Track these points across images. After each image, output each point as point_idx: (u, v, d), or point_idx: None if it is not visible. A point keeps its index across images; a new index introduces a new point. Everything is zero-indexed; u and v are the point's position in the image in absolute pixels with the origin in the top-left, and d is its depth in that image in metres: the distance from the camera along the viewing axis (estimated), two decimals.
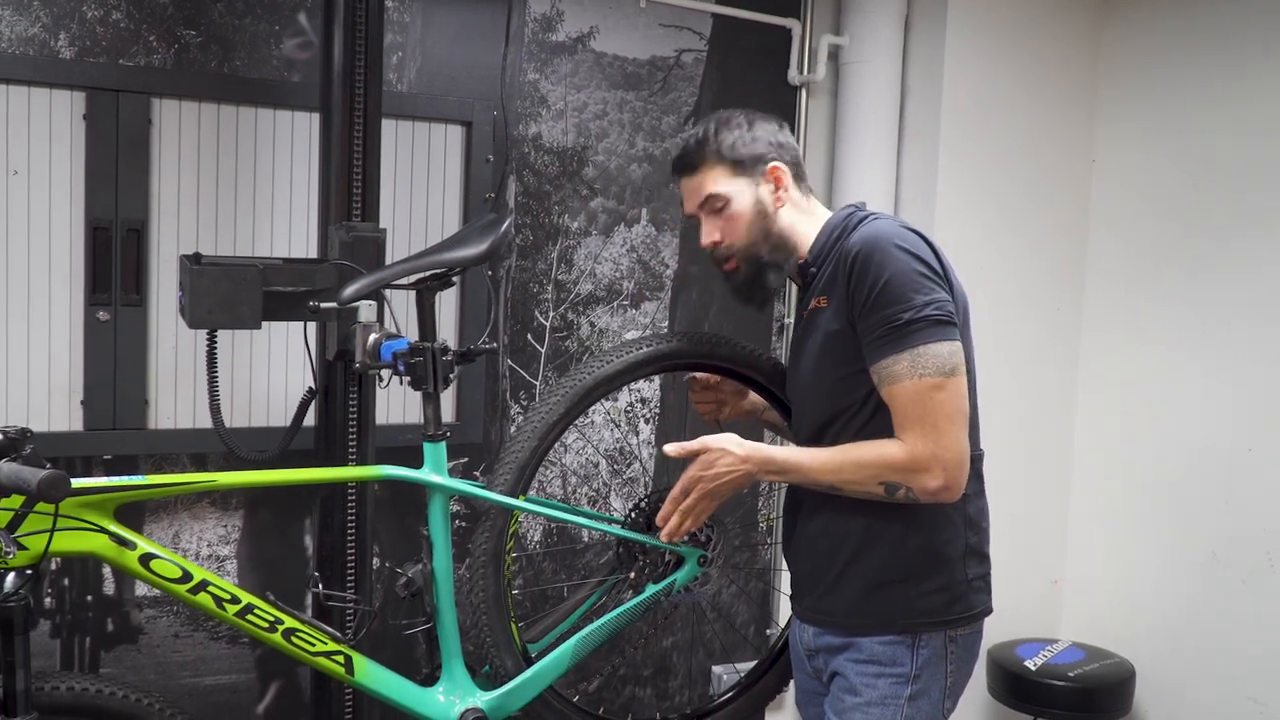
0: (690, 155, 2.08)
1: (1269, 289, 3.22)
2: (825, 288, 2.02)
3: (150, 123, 2.63)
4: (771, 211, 2.06)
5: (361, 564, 2.47)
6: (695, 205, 2.08)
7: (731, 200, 2.04)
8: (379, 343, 2.11)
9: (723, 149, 2.05)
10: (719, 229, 2.06)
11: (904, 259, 1.89)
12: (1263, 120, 3.25)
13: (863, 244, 1.93)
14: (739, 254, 2.06)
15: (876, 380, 1.92)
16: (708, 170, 2.05)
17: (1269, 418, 3.22)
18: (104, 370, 2.61)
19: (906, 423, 1.89)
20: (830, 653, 2.09)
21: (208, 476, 1.90)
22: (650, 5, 3.23)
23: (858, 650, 2.03)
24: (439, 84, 2.96)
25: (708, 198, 2.05)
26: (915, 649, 2.00)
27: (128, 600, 2.73)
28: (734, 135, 2.06)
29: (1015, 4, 3.53)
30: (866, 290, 1.89)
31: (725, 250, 2.07)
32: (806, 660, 2.19)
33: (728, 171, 2.05)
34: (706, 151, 2.05)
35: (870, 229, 1.96)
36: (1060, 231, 3.68)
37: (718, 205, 2.05)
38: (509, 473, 2.07)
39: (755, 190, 2.05)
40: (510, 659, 2.12)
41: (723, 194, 2.04)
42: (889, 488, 1.91)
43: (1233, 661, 3.30)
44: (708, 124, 2.09)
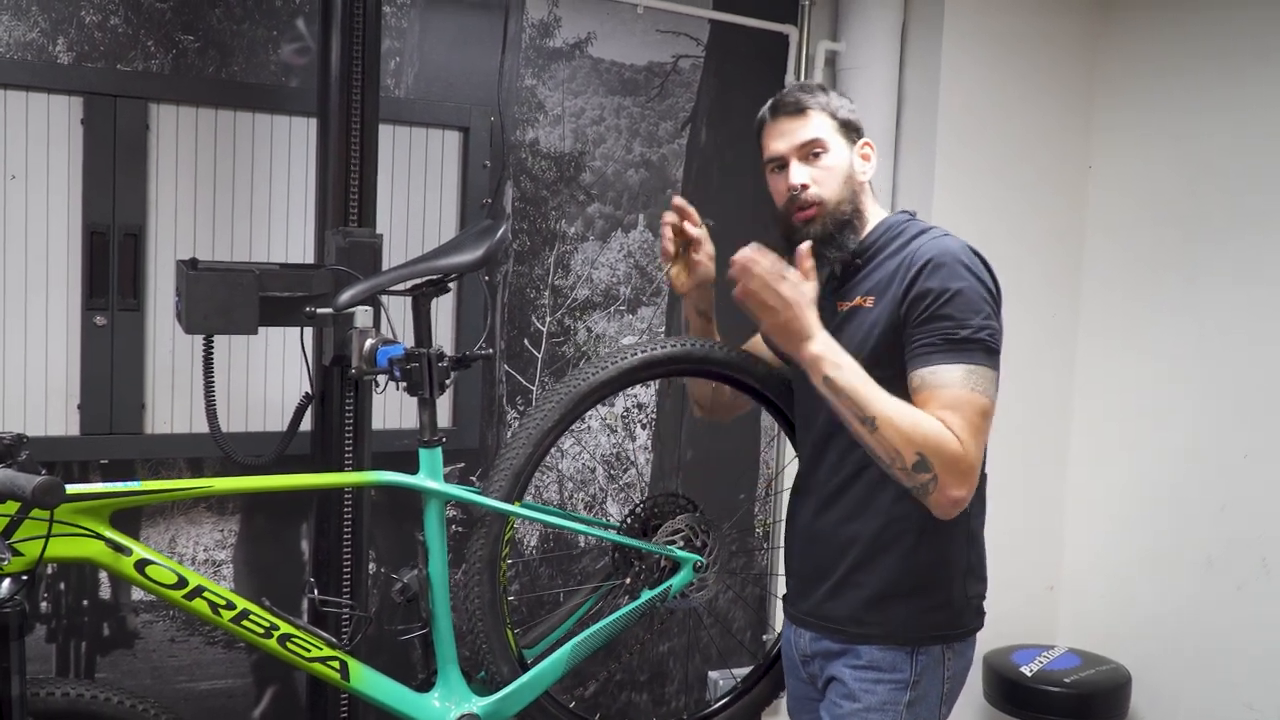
0: (799, 98, 2.07)
1: (1265, 295, 3.23)
2: (875, 289, 2.01)
3: (148, 128, 2.63)
4: (859, 181, 2.08)
5: (357, 569, 2.47)
6: (791, 146, 2.06)
7: (832, 151, 2.05)
8: (375, 348, 2.12)
9: (832, 104, 2.07)
10: (812, 175, 2.04)
11: (973, 279, 1.92)
12: (1259, 126, 3.26)
13: (937, 254, 1.93)
14: (824, 206, 2.03)
15: (919, 383, 1.89)
16: (814, 116, 2.05)
17: (1264, 423, 3.23)
18: (101, 375, 2.61)
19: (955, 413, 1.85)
20: (827, 658, 2.09)
21: (203, 482, 1.90)
22: (648, 11, 3.24)
23: (856, 656, 2.04)
24: (436, 89, 2.97)
25: (811, 141, 2.04)
26: (914, 656, 2.01)
27: (124, 605, 2.73)
28: (841, 100, 2.09)
29: (1012, 11, 3.53)
30: (932, 298, 1.89)
31: (813, 196, 2.04)
32: (801, 666, 2.18)
33: (832, 126, 2.06)
34: (817, 101, 2.06)
35: (944, 243, 1.97)
36: (1057, 237, 3.69)
37: (817, 150, 2.04)
38: (504, 478, 2.08)
39: (850, 155, 2.07)
40: (506, 665, 2.12)
41: (826, 141, 2.04)
42: (919, 467, 1.83)
43: (1228, 667, 3.31)
44: (821, 85, 2.13)
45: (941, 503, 1.87)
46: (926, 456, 1.82)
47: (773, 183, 2.13)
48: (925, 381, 1.88)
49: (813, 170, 2.04)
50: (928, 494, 1.86)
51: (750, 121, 3.39)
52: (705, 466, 3.41)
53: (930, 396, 1.86)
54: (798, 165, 2.05)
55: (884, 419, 1.83)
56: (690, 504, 2.34)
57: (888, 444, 1.84)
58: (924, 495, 1.87)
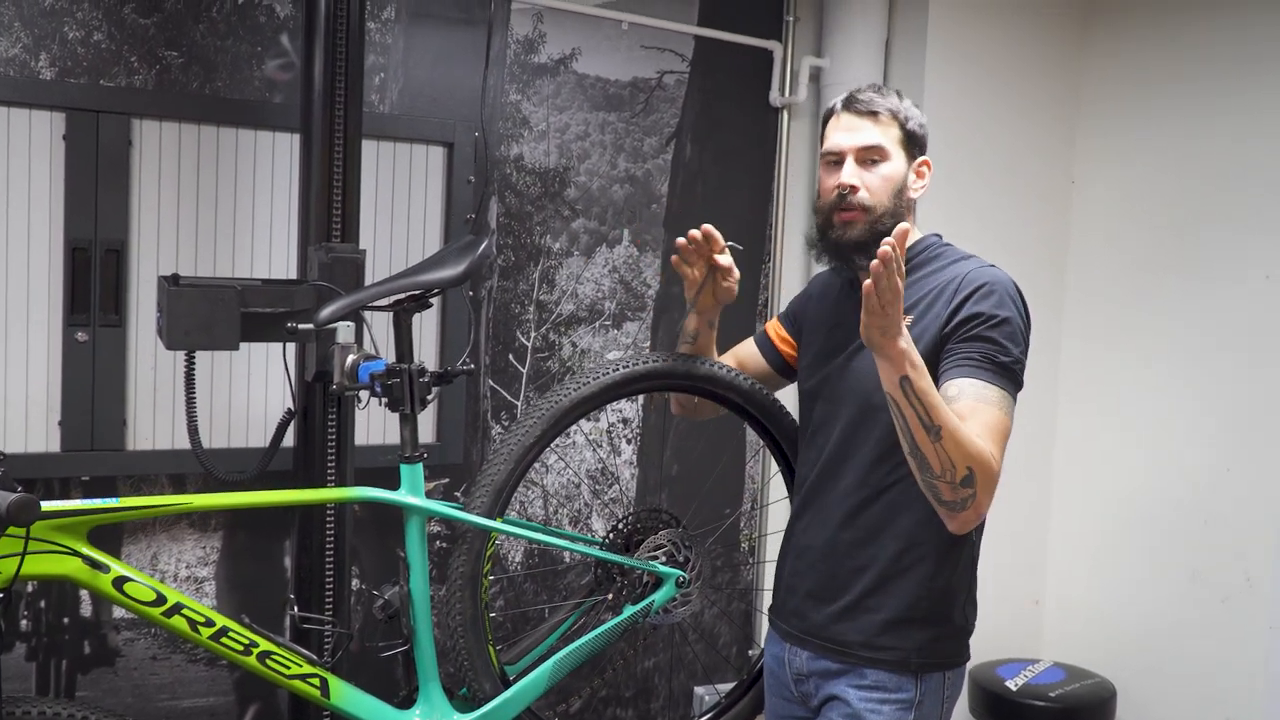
0: (873, 100, 2.05)
1: (1248, 308, 3.24)
2: (914, 307, 1.99)
3: (130, 143, 2.63)
4: (909, 196, 2.07)
5: (339, 586, 2.46)
6: (852, 145, 2.04)
7: (891, 160, 2.04)
8: (357, 364, 2.11)
9: (904, 113, 2.06)
10: (864, 179, 2.03)
11: (1018, 313, 1.96)
12: (1239, 139, 3.27)
13: (990, 281, 1.96)
14: (869, 213, 2.02)
15: (957, 391, 1.87)
16: (885, 123, 2.04)
17: (1247, 438, 3.23)
18: (82, 391, 2.60)
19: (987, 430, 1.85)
20: (825, 677, 2.07)
21: (183, 499, 1.89)
22: (632, 27, 3.25)
23: (860, 676, 2.02)
24: (421, 105, 2.97)
25: (873, 146, 2.03)
26: (919, 677, 2.01)
27: (105, 622, 2.71)
28: (914, 111, 2.07)
29: (995, 25, 3.55)
30: (982, 320, 1.91)
31: (860, 200, 2.02)
32: (793, 684, 2.15)
33: (899, 137, 2.05)
34: (890, 106, 2.05)
35: (995, 273, 1.99)
36: (1040, 251, 3.70)
37: (876, 157, 2.03)
38: (486, 494, 2.07)
39: (907, 169, 2.06)
40: (488, 681, 2.11)
41: (888, 150, 2.03)
42: (966, 481, 1.82)
43: (1212, 681, 3.31)
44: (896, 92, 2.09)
45: (969, 519, 1.87)
46: (975, 472, 1.81)
47: (824, 175, 2.10)
48: (964, 391, 1.87)
49: (866, 175, 2.03)
50: (963, 509, 1.84)
51: (735, 137, 3.44)
52: (690, 481, 3.41)
53: (970, 408, 1.86)
54: (853, 166, 2.04)
55: (949, 430, 1.80)
56: (673, 519, 2.34)
57: (946, 456, 1.80)
58: (958, 510, 1.85)
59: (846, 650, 2.03)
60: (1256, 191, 3.23)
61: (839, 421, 2.07)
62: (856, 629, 2.02)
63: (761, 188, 3.52)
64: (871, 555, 2.01)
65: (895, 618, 2.00)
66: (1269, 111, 3.21)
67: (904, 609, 1.99)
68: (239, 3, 2.75)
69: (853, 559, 2.03)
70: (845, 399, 2.06)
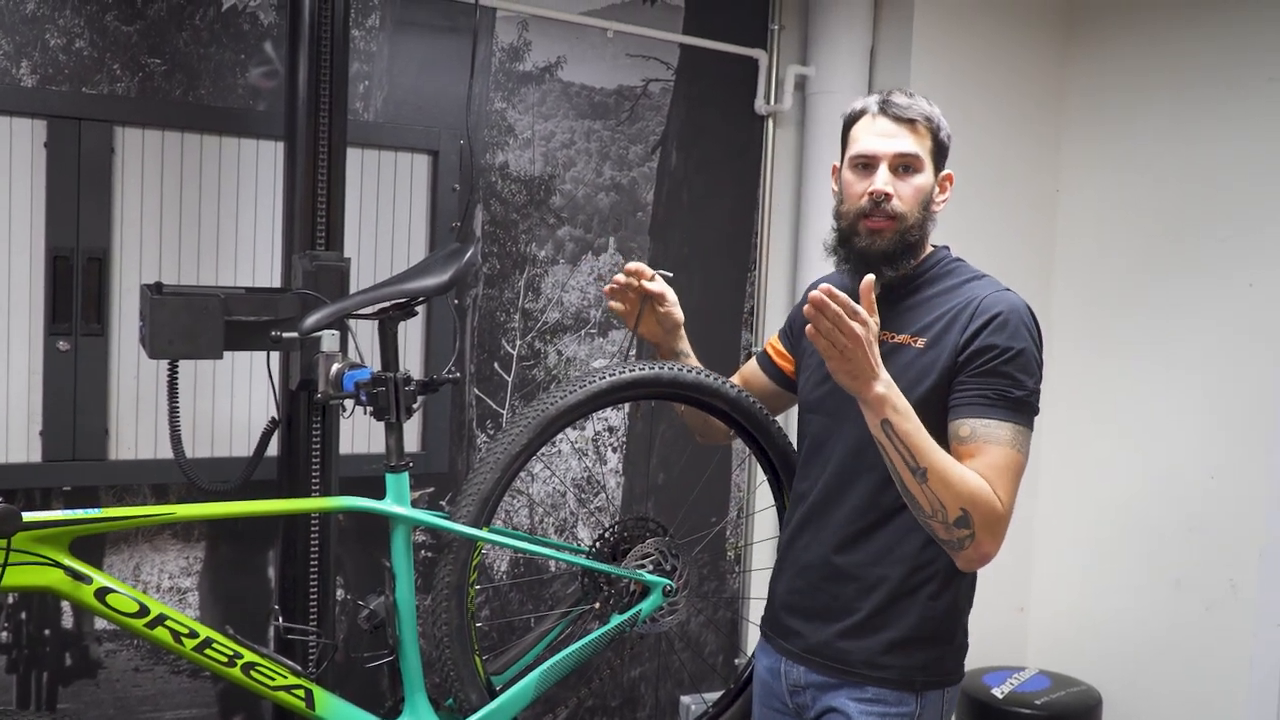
0: (915, 110, 2.00)
1: (1231, 316, 3.25)
2: (927, 329, 1.96)
3: (113, 151, 2.61)
4: (932, 209, 2.02)
5: (324, 596, 2.44)
6: (889, 151, 1.98)
7: (924, 172, 1.99)
8: (341, 373, 2.10)
9: (939, 124, 2.02)
10: (897, 187, 1.97)
11: (1032, 342, 1.91)
12: (1223, 150, 3.29)
13: (1005, 310, 1.91)
14: (898, 223, 1.97)
15: (968, 432, 1.85)
16: (921, 132, 1.99)
17: (1230, 445, 3.24)
18: (64, 400, 2.58)
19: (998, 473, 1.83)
20: (823, 689, 2.04)
21: (165, 509, 1.87)
22: (618, 35, 3.24)
23: (862, 690, 1.99)
24: (406, 113, 2.96)
25: (911, 154, 1.98)
26: (920, 694, 1.98)
27: (86, 634, 2.69)
28: (946, 123, 2.04)
29: (979, 34, 3.56)
30: (995, 353, 1.87)
31: (893, 209, 1.97)
32: (788, 696, 2.11)
33: (931, 148, 2.00)
34: (927, 114, 2.00)
35: (1009, 298, 1.94)
36: (1026, 260, 3.71)
37: (911, 165, 1.98)
38: (472, 504, 2.06)
39: (933, 179, 2.02)
40: (474, 692, 2.10)
41: (923, 160, 1.99)
42: (961, 523, 1.79)
43: (1197, 687, 3.31)
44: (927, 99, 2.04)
45: (973, 558, 1.85)
46: (969, 513, 1.79)
47: (852, 178, 2.02)
48: (976, 433, 1.85)
49: (900, 183, 1.98)
50: (961, 549, 1.83)
51: (720, 146, 3.44)
52: (676, 489, 3.40)
53: (979, 449, 1.83)
54: (887, 172, 1.98)
55: (936, 472, 1.78)
56: (660, 528, 2.33)
57: (934, 497, 1.79)
58: (956, 549, 1.84)
59: (849, 669, 2.00)
60: (1240, 198, 3.24)
61: (843, 440, 2.02)
62: (861, 648, 1.99)
63: (747, 196, 3.52)
64: (880, 576, 1.98)
65: (901, 638, 1.97)
66: (1252, 118, 3.22)
67: (910, 630, 1.97)
68: (222, 10, 2.74)
69: (859, 580, 2.00)
70: (850, 416, 1.97)
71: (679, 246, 3.39)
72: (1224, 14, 3.30)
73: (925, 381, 1.92)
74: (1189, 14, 3.39)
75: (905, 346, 1.97)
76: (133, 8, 2.64)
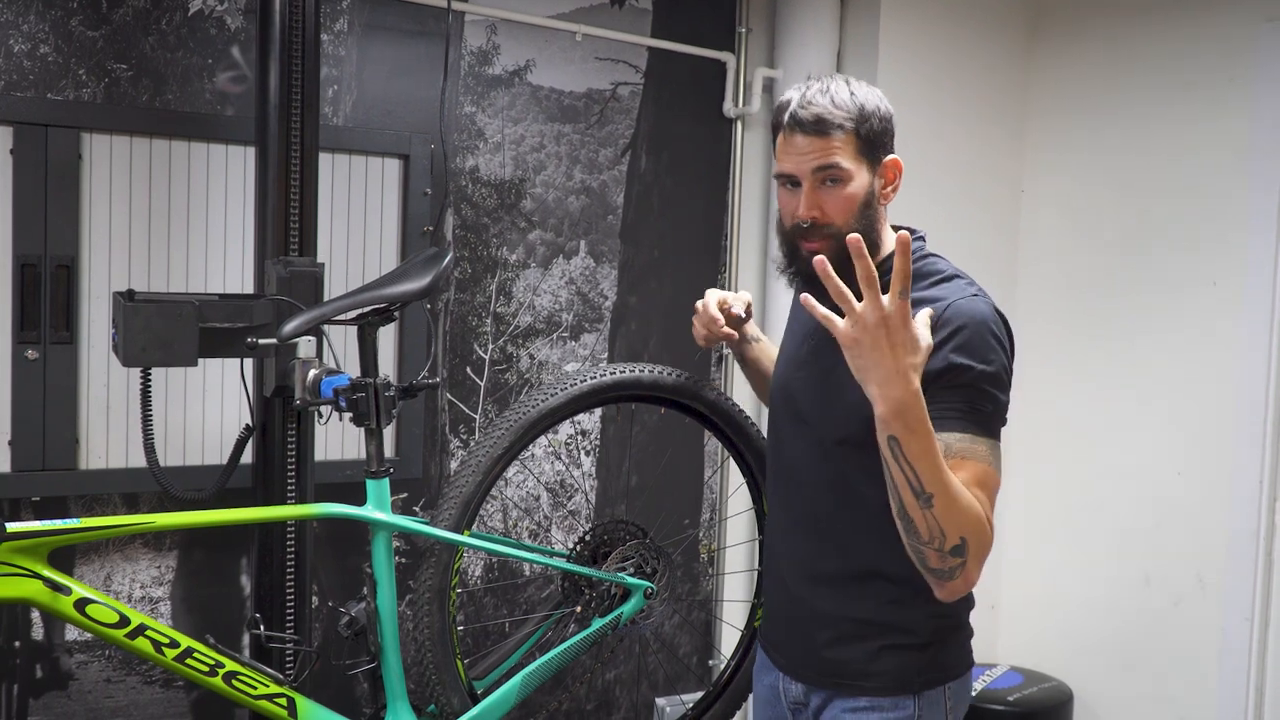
0: (821, 118, 1.78)
1: (1194, 315, 3.30)
2: None
3: (80, 157, 2.58)
4: (877, 205, 1.84)
5: (301, 603, 2.43)
6: (807, 168, 1.79)
7: (853, 179, 1.79)
8: (319, 378, 2.09)
9: (861, 116, 1.79)
10: (824, 204, 1.79)
11: (1002, 355, 1.79)
12: (1186, 150, 3.34)
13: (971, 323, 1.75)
14: (833, 239, 1.78)
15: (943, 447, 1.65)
16: (836, 139, 1.78)
17: (1196, 441, 3.29)
18: (32, 410, 2.55)
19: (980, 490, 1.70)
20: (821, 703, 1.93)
21: (145, 518, 1.86)
22: (586, 39, 3.25)
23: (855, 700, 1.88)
24: (375, 117, 2.95)
25: (830, 167, 1.78)
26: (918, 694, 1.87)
27: (57, 645, 2.65)
28: (874, 108, 1.82)
29: (945, 38, 3.60)
30: (963, 370, 1.72)
31: (823, 231, 1.79)
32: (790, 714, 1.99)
33: (855, 148, 1.79)
34: (841, 116, 1.78)
35: (977, 308, 1.79)
36: (991, 258, 3.75)
37: (833, 177, 1.79)
38: (454, 508, 2.05)
39: (870, 177, 1.82)
40: (456, 696, 2.10)
41: (848, 169, 1.78)
42: (957, 551, 1.64)
43: (1166, 682, 3.36)
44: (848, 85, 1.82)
45: (958, 589, 1.69)
46: (968, 541, 1.64)
47: (781, 197, 1.88)
48: (952, 448, 1.69)
49: (826, 197, 1.80)
50: (950, 579, 1.67)
51: (689, 148, 3.45)
52: (650, 492, 3.41)
53: (960, 464, 1.69)
54: (812, 192, 1.80)
55: (945, 498, 1.61)
56: (640, 530, 2.33)
57: (935, 524, 1.62)
58: (945, 579, 1.68)
59: (842, 681, 1.89)
60: (1203, 200, 3.29)
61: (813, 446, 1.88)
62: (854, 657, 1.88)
63: (716, 198, 3.54)
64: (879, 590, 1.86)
65: (895, 644, 1.86)
66: (1214, 119, 3.27)
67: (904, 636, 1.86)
68: (189, 15, 2.71)
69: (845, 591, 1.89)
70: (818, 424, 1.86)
71: (649, 249, 3.40)
72: (1185, 15, 3.35)
73: None
74: (1151, 16, 3.44)
75: None
76: (98, 13, 2.61)
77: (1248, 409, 3.17)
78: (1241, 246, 3.19)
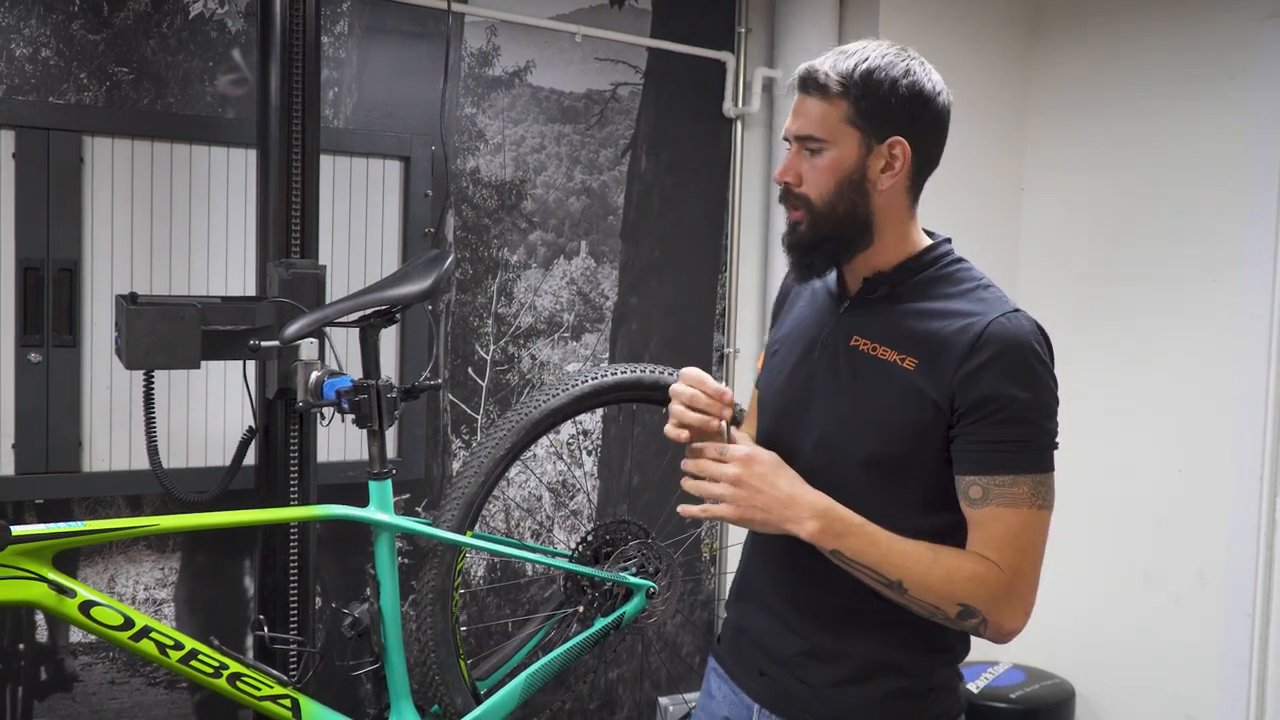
0: (824, 79, 1.63)
1: (1195, 312, 3.31)
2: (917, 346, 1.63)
3: (82, 161, 2.59)
4: (870, 188, 1.65)
5: (304, 605, 2.43)
6: (792, 128, 1.66)
7: (835, 148, 1.63)
8: (321, 380, 2.10)
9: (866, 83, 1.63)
10: (799, 171, 1.66)
11: (1048, 377, 1.65)
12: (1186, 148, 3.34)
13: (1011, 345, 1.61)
14: (811, 210, 1.65)
15: (980, 493, 1.58)
16: (831, 102, 1.62)
17: (1197, 439, 3.30)
18: (36, 412, 2.55)
19: (1010, 547, 1.58)
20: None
21: (149, 520, 1.86)
22: (586, 39, 3.25)
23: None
24: (376, 119, 2.95)
25: (806, 134, 1.64)
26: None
27: (61, 647, 2.66)
28: (889, 74, 1.65)
29: (944, 36, 3.60)
30: (1005, 402, 1.58)
31: (796, 199, 1.66)
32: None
33: (849, 115, 1.63)
34: (844, 80, 1.62)
35: (1017, 327, 1.63)
36: (992, 255, 3.74)
37: (811, 147, 1.64)
38: (457, 509, 2.06)
39: (864, 154, 1.64)
40: (460, 697, 2.10)
41: (828, 138, 1.63)
42: (963, 614, 1.56)
43: (1168, 679, 3.36)
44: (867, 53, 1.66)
45: (1000, 635, 1.60)
46: (970, 601, 1.55)
47: None
48: (989, 494, 1.58)
49: (807, 166, 1.65)
50: (981, 633, 1.59)
51: (689, 148, 3.45)
52: (651, 491, 3.41)
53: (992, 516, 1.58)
54: (793, 155, 1.67)
55: (912, 580, 1.54)
56: (642, 530, 2.34)
57: (922, 602, 1.56)
58: (977, 633, 1.61)
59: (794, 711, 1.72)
60: (1203, 196, 3.30)
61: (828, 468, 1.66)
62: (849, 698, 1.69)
63: (717, 198, 3.54)
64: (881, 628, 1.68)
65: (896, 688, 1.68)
66: (1212, 116, 3.27)
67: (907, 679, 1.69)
68: (189, 18, 2.72)
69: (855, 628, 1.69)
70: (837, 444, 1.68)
71: (650, 249, 3.40)
72: (1185, 12, 3.35)
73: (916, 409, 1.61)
74: (1151, 13, 3.44)
75: (892, 365, 1.63)
76: (99, 16, 2.62)
77: (1248, 405, 3.17)
78: (1242, 243, 3.20)
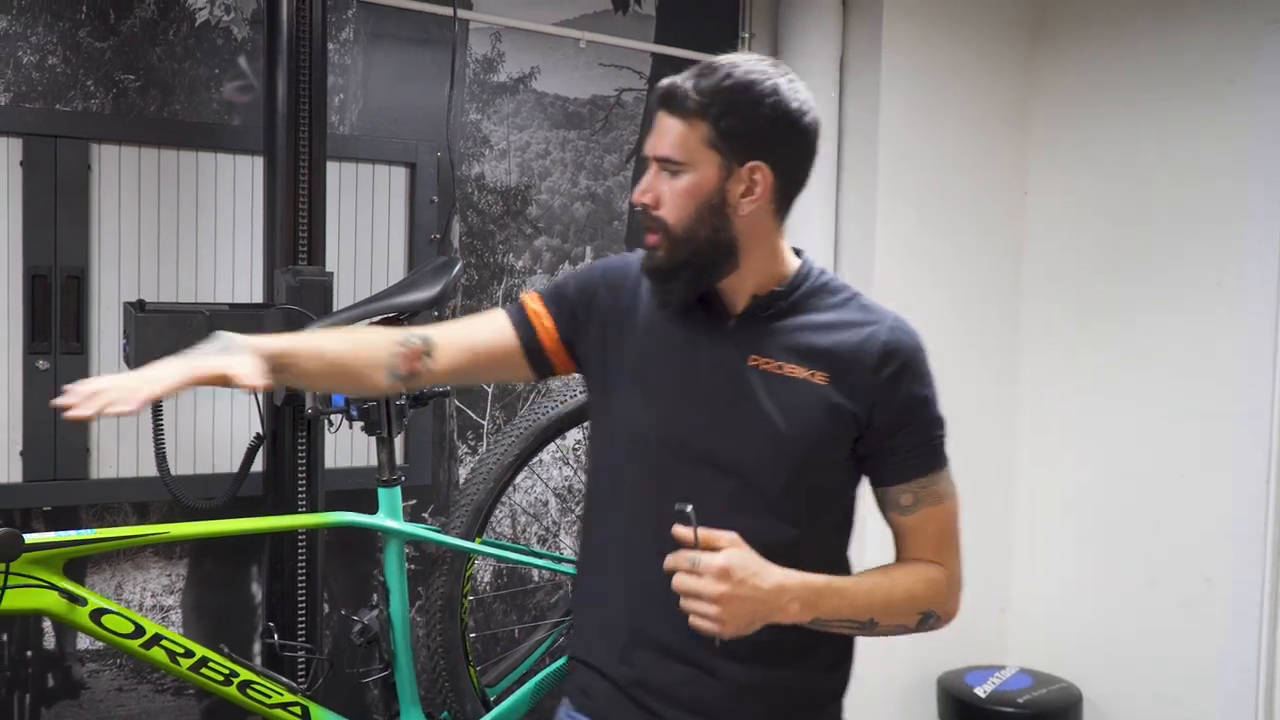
0: (682, 96, 1.55)
1: (1199, 317, 3.31)
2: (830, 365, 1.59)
3: (89, 168, 2.59)
4: (731, 212, 1.57)
5: (313, 611, 2.43)
6: (653, 149, 1.59)
7: (693, 172, 1.56)
8: None
9: (724, 104, 1.54)
10: (659, 193, 1.58)
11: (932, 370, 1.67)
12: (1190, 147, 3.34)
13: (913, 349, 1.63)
14: (668, 234, 1.58)
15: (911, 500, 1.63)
16: (688, 123, 1.55)
17: (1200, 444, 3.29)
18: (44, 420, 2.55)
19: (945, 544, 1.67)
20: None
21: (159, 528, 1.87)
22: (590, 45, 3.25)
23: None
24: (381, 126, 2.96)
25: (663, 156, 1.57)
26: None
27: (69, 655, 2.66)
28: (750, 100, 1.55)
29: (948, 40, 3.60)
30: (921, 400, 1.63)
31: (654, 221, 1.59)
32: None
33: (709, 138, 1.55)
34: (703, 100, 1.54)
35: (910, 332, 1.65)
36: (996, 261, 3.75)
37: (673, 169, 1.56)
38: (466, 516, 2.07)
39: (724, 177, 1.56)
40: (470, 703, 2.11)
41: (686, 160, 1.55)
42: (924, 619, 1.64)
43: (1174, 683, 3.36)
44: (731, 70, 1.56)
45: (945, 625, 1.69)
46: (928, 608, 1.64)
47: None
48: (920, 499, 1.64)
49: (665, 188, 1.57)
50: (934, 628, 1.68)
51: None
52: None
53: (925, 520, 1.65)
54: (652, 177, 1.60)
55: (881, 612, 1.59)
56: None
57: (892, 627, 1.62)
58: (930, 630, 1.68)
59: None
60: (1205, 198, 3.30)
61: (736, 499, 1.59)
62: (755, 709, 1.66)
63: None
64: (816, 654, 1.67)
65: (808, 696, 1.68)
66: (1214, 119, 3.28)
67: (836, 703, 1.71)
68: (195, 25, 2.73)
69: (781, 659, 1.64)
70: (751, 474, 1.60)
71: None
72: (1186, 17, 3.35)
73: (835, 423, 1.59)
74: (1152, 18, 3.44)
75: (802, 381, 1.59)
76: (106, 24, 2.63)
77: (1252, 409, 3.17)
78: (1244, 247, 3.20)
